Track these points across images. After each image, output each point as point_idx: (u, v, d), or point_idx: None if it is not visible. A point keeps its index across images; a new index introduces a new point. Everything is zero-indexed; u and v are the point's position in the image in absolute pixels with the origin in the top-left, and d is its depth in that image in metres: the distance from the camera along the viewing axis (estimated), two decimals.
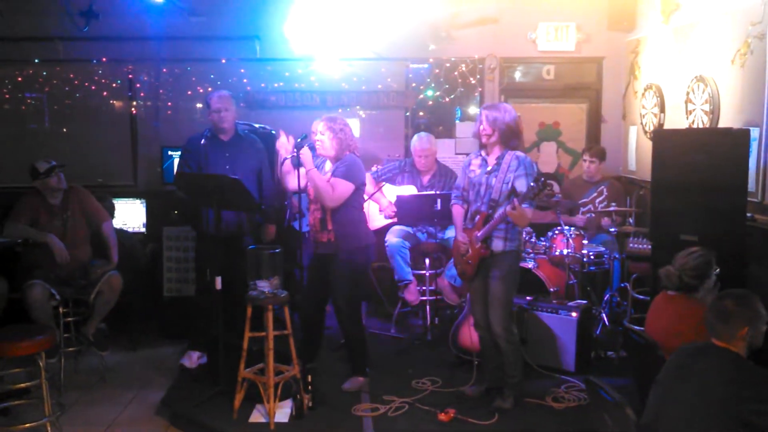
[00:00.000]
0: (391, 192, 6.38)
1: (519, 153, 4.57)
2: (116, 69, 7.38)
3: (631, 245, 5.81)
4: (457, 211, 4.79)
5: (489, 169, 4.58)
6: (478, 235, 4.55)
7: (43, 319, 5.18)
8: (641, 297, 5.67)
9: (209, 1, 7.17)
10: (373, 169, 6.52)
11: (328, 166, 4.92)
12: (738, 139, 4.81)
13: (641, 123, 7.01)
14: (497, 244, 4.55)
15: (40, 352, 4.26)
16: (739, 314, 3.04)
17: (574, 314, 5.27)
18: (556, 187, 7.15)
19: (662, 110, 6.54)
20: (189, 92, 7.40)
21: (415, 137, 6.40)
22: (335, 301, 4.97)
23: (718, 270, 3.88)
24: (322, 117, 4.87)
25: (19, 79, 7.38)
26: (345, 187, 4.77)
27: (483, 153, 4.66)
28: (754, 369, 2.97)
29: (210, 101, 5.43)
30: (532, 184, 4.35)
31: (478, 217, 4.58)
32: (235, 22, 7.26)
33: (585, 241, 6.00)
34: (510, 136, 4.56)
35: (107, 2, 6.75)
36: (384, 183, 6.41)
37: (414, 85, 7.57)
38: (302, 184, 4.72)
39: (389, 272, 6.30)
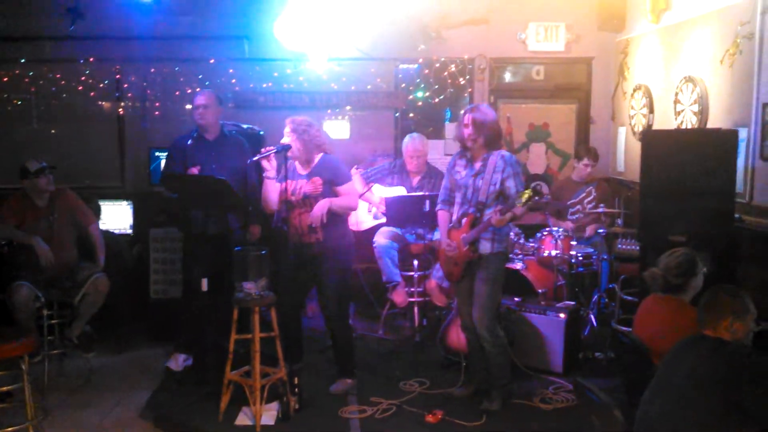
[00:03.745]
0: (381, 193, 6.35)
1: (504, 152, 4.56)
2: (103, 69, 7.32)
3: (619, 246, 5.80)
4: (443, 216, 4.78)
5: (475, 171, 4.56)
6: (466, 237, 4.52)
7: (26, 321, 5.15)
8: (629, 298, 5.66)
9: (197, 0, 7.12)
10: (353, 170, 6.49)
11: (298, 167, 4.90)
12: (726, 139, 4.83)
13: (630, 124, 7.00)
14: (485, 246, 4.53)
15: (22, 355, 4.21)
16: (725, 305, 3.13)
17: (562, 315, 5.25)
18: (545, 188, 7.15)
19: (651, 111, 6.54)
20: (177, 92, 7.34)
21: (407, 138, 6.37)
22: (324, 302, 4.95)
23: (705, 270, 3.87)
24: (287, 121, 4.84)
25: (5, 79, 7.30)
26: (354, 186, 5.04)
27: (468, 154, 4.64)
28: (742, 353, 3.01)
29: (193, 100, 5.42)
30: (521, 189, 4.33)
31: (465, 219, 4.56)
32: (224, 21, 7.23)
33: (573, 242, 5.98)
34: (494, 138, 4.55)
35: (94, 1, 6.70)
36: (373, 183, 6.37)
37: (403, 85, 7.55)
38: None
39: (377, 273, 6.26)
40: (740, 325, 3.11)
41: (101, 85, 7.36)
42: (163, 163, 6.14)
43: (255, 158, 4.80)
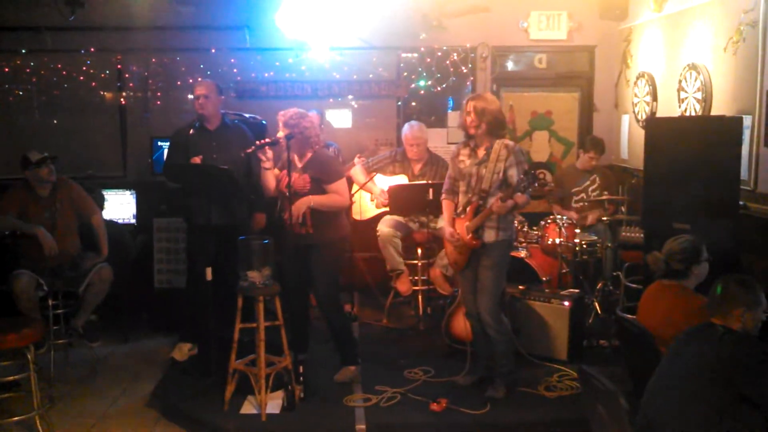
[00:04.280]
0: (383, 182, 6.34)
1: (508, 142, 4.55)
2: (105, 59, 7.31)
3: (623, 234, 5.80)
4: (447, 205, 4.77)
5: (479, 159, 4.55)
6: (469, 225, 4.52)
7: (29, 310, 5.15)
8: (634, 285, 5.66)
9: None
10: (356, 159, 6.48)
11: (296, 158, 4.90)
12: (730, 127, 4.81)
13: (633, 111, 6.99)
14: (489, 234, 4.53)
15: (28, 345, 4.23)
16: (737, 296, 3.12)
17: (566, 303, 5.25)
18: (548, 176, 7.14)
19: (654, 98, 6.52)
20: (178, 82, 7.33)
21: (406, 126, 6.37)
22: (315, 292, 4.99)
23: (710, 257, 3.86)
24: (278, 115, 4.85)
25: (6, 69, 7.29)
26: (344, 185, 4.94)
27: (471, 143, 4.63)
28: (749, 342, 3.02)
29: (193, 89, 5.40)
30: (522, 176, 4.33)
31: (469, 207, 4.56)
32: (225, 11, 7.20)
33: (577, 230, 5.98)
34: (497, 126, 4.54)
35: None
36: (375, 173, 6.37)
37: (405, 74, 7.52)
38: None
39: (381, 262, 6.27)
40: (751, 316, 3.11)
41: (102, 76, 7.34)
42: (165, 153, 6.13)
43: (249, 150, 4.83)
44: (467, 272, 4.70)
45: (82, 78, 7.30)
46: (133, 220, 6.69)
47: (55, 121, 7.44)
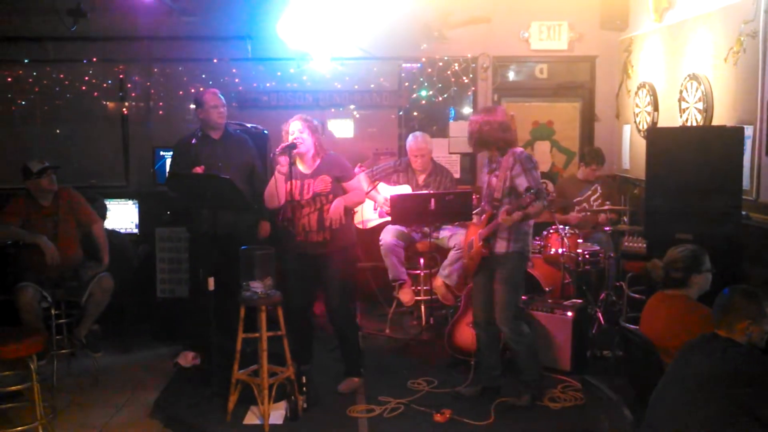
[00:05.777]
0: (387, 191, 6.34)
1: (516, 149, 4.58)
2: (107, 69, 7.33)
3: (626, 244, 5.80)
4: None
5: (491, 168, 4.63)
6: (481, 233, 4.57)
7: (32, 322, 5.13)
8: (637, 296, 5.65)
9: (201, 0, 7.12)
10: (357, 169, 6.48)
11: (301, 166, 4.89)
12: (732, 137, 4.82)
13: (635, 121, 7.00)
14: (500, 245, 4.55)
15: (30, 355, 4.22)
16: (742, 308, 3.09)
17: (569, 314, 5.24)
18: (550, 186, 7.15)
19: (656, 109, 6.54)
20: (181, 92, 7.35)
21: (411, 137, 6.37)
22: (329, 301, 4.95)
23: (712, 269, 3.86)
24: (296, 117, 4.83)
25: (9, 79, 7.31)
26: (360, 180, 5.12)
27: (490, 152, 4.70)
28: (755, 356, 3.00)
29: (204, 99, 5.37)
30: (530, 188, 4.32)
31: (483, 216, 4.63)
32: (227, 21, 7.22)
33: (580, 240, 5.98)
34: (491, 140, 4.56)
35: (97, 1, 6.69)
36: (379, 182, 6.37)
37: (407, 84, 7.54)
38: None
39: (384, 272, 6.26)
40: (757, 329, 3.08)
41: (105, 85, 7.37)
42: (168, 162, 6.14)
43: (275, 153, 4.71)
44: (477, 279, 4.73)
45: (84, 88, 7.32)
46: (135, 230, 6.69)
47: (57, 131, 7.45)
